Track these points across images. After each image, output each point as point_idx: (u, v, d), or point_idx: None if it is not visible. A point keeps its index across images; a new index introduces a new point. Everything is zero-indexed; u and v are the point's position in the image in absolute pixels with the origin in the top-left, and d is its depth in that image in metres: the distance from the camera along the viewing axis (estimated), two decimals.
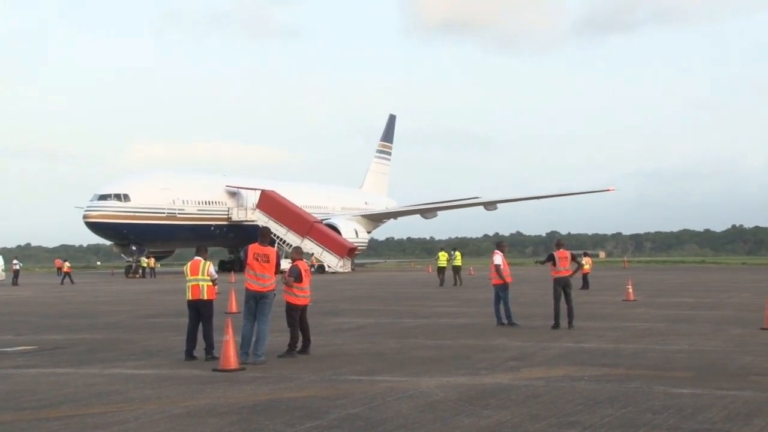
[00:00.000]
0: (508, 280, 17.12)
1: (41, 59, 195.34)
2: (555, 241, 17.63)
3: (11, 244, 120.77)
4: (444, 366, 11.03)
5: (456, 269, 36.03)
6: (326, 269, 54.56)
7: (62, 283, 44.49)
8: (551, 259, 16.29)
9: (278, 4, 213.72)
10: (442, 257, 37.03)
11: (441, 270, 36.39)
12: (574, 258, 16.60)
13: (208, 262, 12.28)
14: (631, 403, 8.18)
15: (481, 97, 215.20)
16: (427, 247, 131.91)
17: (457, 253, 36.99)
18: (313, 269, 40.61)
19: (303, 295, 12.44)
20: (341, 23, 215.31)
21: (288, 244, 53.47)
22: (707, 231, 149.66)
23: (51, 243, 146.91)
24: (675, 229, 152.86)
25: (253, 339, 11.67)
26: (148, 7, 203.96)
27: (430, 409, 8.08)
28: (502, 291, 16.96)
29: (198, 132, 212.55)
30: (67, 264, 47.44)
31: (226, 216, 57.76)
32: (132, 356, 12.65)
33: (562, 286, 16.12)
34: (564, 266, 16.18)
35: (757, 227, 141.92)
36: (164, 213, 52.70)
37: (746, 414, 7.66)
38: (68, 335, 16.15)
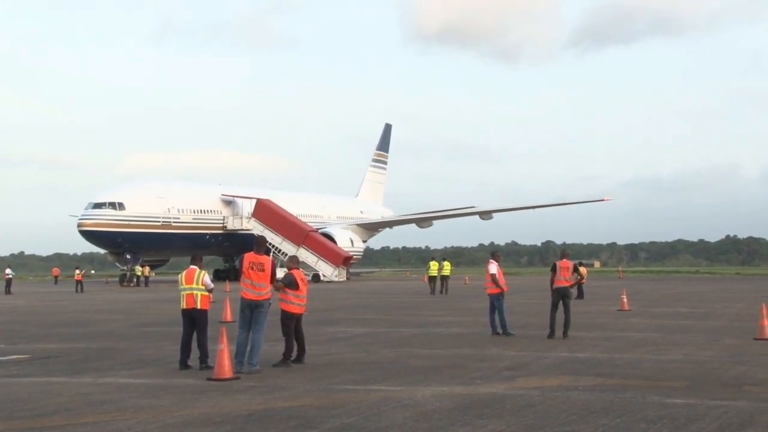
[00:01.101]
0: (505, 289, 17.17)
1: (39, 70, 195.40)
2: (561, 250, 17.80)
3: (4, 252, 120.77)
4: (439, 375, 11.03)
5: (444, 278, 36.62)
6: (321, 278, 54.50)
7: (83, 290, 44.77)
8: (554, 268, 16.37)
9: (277, 14, 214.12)
10: (433, 266, 37.66)
11: (432, 279, 36.90)
12: (576, 269, 16.69)
13: (203, 271, 12.26)
14: (626, 413, 8.19)
15: (478, 107, 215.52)
16: (422, 257, 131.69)
17: (446, 263, 37.57)
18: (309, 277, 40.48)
19: (299, 303, 12.43)
20: (339, 33, 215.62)
21: (283, 253, 53.42)
22: (702, 241, 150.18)
23: (45, 251, 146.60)
24: (670, 239, 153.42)
25: (248, 348, 11.67)
26: (146, 18, 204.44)
27: (425, 418, 8.08)
28: (497, 300, 16.99)
29: (195, 141, 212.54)
30: (78, 271, 47.46)
31: (221, 225, 57.74)
32: (126, 365, 12.62)
33: (561, 296, 16.15)
34: (565, 276, 16.23)
35: (751, 237, 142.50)
36: (159, 221, 52.65)
37: (739, 424, 7.68)
38: (62, 344, 16.11)
